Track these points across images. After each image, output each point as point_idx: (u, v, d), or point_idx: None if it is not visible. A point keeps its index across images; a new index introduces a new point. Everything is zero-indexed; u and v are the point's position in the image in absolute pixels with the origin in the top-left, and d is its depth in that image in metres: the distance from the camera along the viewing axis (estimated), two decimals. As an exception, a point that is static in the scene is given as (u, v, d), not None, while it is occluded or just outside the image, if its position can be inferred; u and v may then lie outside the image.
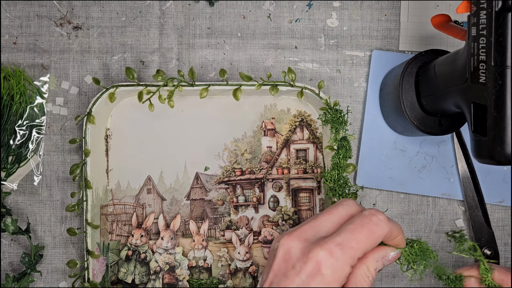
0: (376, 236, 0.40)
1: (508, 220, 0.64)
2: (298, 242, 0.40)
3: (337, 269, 0.38)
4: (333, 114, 0.58)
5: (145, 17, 0.64)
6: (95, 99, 0.59)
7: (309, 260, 0.39)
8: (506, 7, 0.39)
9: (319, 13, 0.64)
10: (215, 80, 0.64)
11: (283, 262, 0.40)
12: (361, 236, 0.40)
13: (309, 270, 0.38)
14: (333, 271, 0.38)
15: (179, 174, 0.63)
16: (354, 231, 0.40)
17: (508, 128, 0.39)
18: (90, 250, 0.59)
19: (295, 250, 0.40)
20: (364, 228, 0.40)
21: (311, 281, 0.38)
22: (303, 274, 0.38)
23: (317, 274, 0.38)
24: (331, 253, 0.38)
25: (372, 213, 0.41)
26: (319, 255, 0.38)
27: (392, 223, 0.42)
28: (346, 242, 0.39)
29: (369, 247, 0.41)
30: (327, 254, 0.38)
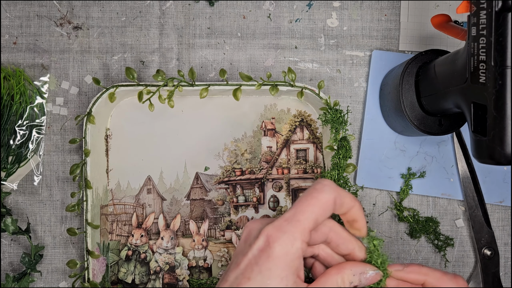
0: (321, 202, 0.39)
1: (508, 220, 0.64)
2: (259, 224, 0.41)
3: (286, 242, 0.38)
4: (333, 114, 0.58)
5: (145, 17, 0.64)
6: (95, 99, 0.59)
7: (260, 236, 0.39)
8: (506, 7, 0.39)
9: (319, 13, 0.64)
10: (215, 80, 0.64)
11: (243, 243, 0.41)
12: (305, 206, 0.39)
13: (260, 244, 0.38)
14: (281, 245, 0.38)
15: (179, 174, 0.63)
16: (299, 203, 0.40)
17: (508, 128, 0.39)
18: (90, 250, 0.59)
19: (255, 231, 0.40)
20: (308, 198, 0.40)
21: (262, 255, 0.38)
22: (255, 249, 0.39)
23: (267, 248, 0.38)
24: (279, 227, 0.38)
25: (318, 181, 0.41)
26: (268, 229, 0.39)
27: (341, 190, 0.41)
28: (293, 216, 0.39)
29: (318, 216, 0.39)
30: (275, 228, 0.38)
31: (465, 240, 0.64)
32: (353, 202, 0.41)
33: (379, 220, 0.64)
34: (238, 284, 0.38)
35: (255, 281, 0.37)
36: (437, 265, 0.64)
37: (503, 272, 0.64)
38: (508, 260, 0.64)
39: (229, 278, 0.39)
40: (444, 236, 0.64)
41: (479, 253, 0.62)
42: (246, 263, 0.39)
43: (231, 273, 0.39)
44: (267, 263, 0.38)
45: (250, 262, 0.38)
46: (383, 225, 0.64)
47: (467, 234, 0.65)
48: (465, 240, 0.64)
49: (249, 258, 0.39)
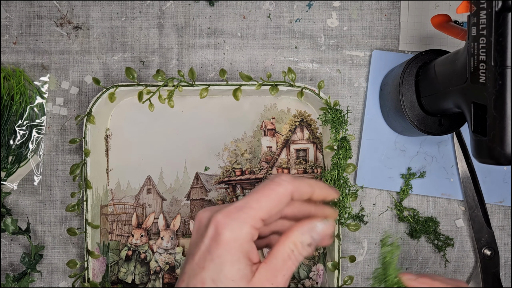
0: (277, 195, 0.39)
1: (508, 220, 0.64)
2: (208, 213, 0.40)
3: (234, 228, 0.38)
4: (333, 114, 0.58)
5: (145, 17, 0.64)
6: (95, 99, 0.59)
7: (210, 224, 0.39)
8: (506, 7, 0.39)
9: (319, 13, 0.64)
10: (215, 80, 0.64)
11: (196, 233, 0.41)
12: (260, 196, 0.39)
13: (210, 233, 0.38)
14: (230, 230, 0.38)
15: (179, 174, 0.63)
16: (254, 192, 0.40)
17: (508, 128, 0.39)
18: (90, 250, 0.59)
19: (205, 219, 0.40)
20: (264, 189, 0.39)
21: (213, 243, 0.38)
22: (206, 239, 0.38)
23: (216, 235, 0.38)
24: (228, 215, 0.38)
25: (276, 175, 0.41)
26: (218, 217, 0.38)
27: (297, 181, 0.40)
28: (245, 203, 0.39)
29: (272, 207, 0.39)
30: (224, 215, 0.38)
31: (465, 240, 0.64)
32: (311, 188, 0.41)
33: (379, 220, 0.64)
34: (195, 275, 0.38)
35: (209, 269, 0.37)
36: (437, 265, 0.64)
37: (503, 272, 0.64)
38: (508, 260, 0.64)
39: (187, 269, 0.39)
40: (444, 236, 0.64)
41: (479, 253, 0.62)
42: (200, 253, 0.38)
43: (188, 265, 0.39)
44: (217, 250, 0.38)
45: (202, 252, 0.38)
46: (383, 225, 0.64)
47: (467, 234, 0.65)
48: (465, 240, 0.64)
49: (201, 249, 0.38)
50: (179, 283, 0.39)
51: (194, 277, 0.38)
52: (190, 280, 0.38)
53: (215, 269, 0.37)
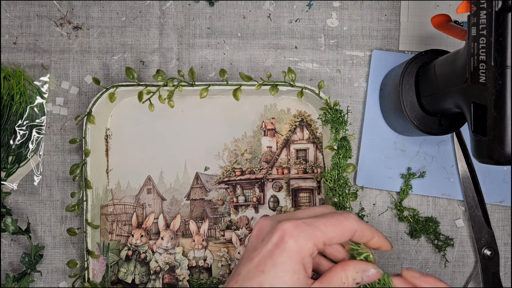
0: (343, 227, 0.41)
1: (508, 220, 0.64)
2: (271, 221, 0.42)
3: (300, 240, 0.39)
4: (333, 114, 0.58)
5: (145, 17, 0.64)
6: (95, 99, 0.59)
7: (276, 231, 0.40)
8: (506, 7, 0.39)
9: (319, 13, 0.64)
10: (215, 80, 0.64)
11: (255, 238, 0.42)
12: (329, 222, 0.41)
13: (275, 240, 0.40)
14: (295, 241, 0.39)
15: (179, 174, 0.63)
16: (323, 217, 0.42)
17: (508, 128, 0.39)
18: (90, 250, 0.59)
19: (267, 226, 0.42)
20: (334, 218, 0.42)
21: (276, 249, 0.39)
22: (270, 244, 0.40)
23: (281, 243, 0.39)
24: (297, 226, 0.40)
25: (344, 212, 0.43)
26: (285, 225, 0.40)
27: (363, 224, 0.43)
28: (314, 222, 0.41)
29: (336, 236, 0.41)
30: (293, 225, 0.40)
31: (465, 240, 0.64)
32: (372, 234, 0.44)
33: (379, 220, 0.64)
34: (251, 278, 0.39)
35: (269, 274, 0.38)
36: (437, 265, 0.64)
37: (503, 272, 0.64)
38: (508, 260, 0.64)
39: (242, 271, 0.40)
40: (444, 236, 0.64)
41: (479, 253, 0.62)
42: (260, 257, 0.39)
43: (244, 267, 0.40)
44: (280, 256, 0.39)
45: (264, 256, 0.39)
46: (383, 225, 0.64)
47: (467, 234, 0.65)
48: (465, 240, 0.64)
49: (263, 252, 0.40)
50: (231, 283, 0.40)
51: (251, 280, 0.39)
52: (245, 281, 0.39)
53: (275, 275, 0.38)
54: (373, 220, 0.64)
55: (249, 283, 0.38)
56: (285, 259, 0.39)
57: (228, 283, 0.40)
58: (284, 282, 0.38)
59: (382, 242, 0.45)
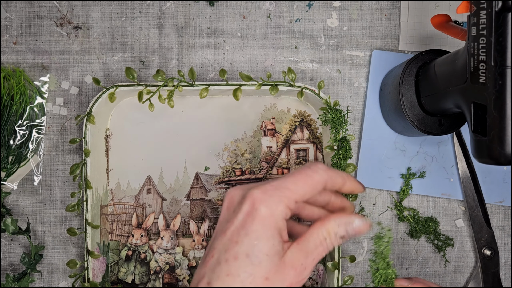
0: (313, 181, 0.40)
1: (508, 220, 0.64)
2: (241, 191, 0.41)
3: (270, 205, 0.38)
4: (333, 114, 0.58)
5: (145, 17, 0.64)
6: (95, 99, 0.59)
7: (246, 200, 0.39)
8: (506, 7, 0.39)
9: (319, 13, 0.64)
10: (215, 80, 0.64)
11: (226, 210, 0.41)
12: (297, 179, 0.40)
13: (246, 209, 0.39)
14: (267, 206, 0.38)
15: (179, 174, 0.63)
16: (291, 175, 0.40)
17: (508, 128, 0.39)
18: (90, 250, 0.59)
19: (237, 196, 0.41)
20: (301, 173, 0.40)
21: (248, 218, 0.38)
22: (241, 214, 0.39)
23: (252, 211, 0.38)
24: (265, 191, 0.39)
25: (312, 163, 0.42)
26: (254, 193, 0.39)
27: (332, 171, 0.41)
28: (281, 183, 0.40)
29: (307, 191, 0.40)
30: (261, 192, 0.39)
31: (465, 240, 0.64)
32: (343, 180, 0.42)
33: (379, 220, 0.64)
34: (227, 250, 0.38)
35: (243, 243, 0.38)
36: (437, 265, 0.64)
37: (503, 272, 0.64)
38: (508, 260, 0.64)
39: (217, 246, 0.39)
40: (444, 236, 0.64)
41: (479, 253, 0.62)
42: (233, 228, 0.39)
43: (218, 241, 0.39)
44: (253, 224, 0.38)
45: (236, 227, 0.38)
46: (383, 225, 0.64)
47: (467, 234, 0.65)
48: (465, 240, 0.64)
49: (235, 224, 0.39)
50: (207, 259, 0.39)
51: (226, 252, 0.38)
52: (221, 255, 0.38)
53: (249, 243, 0.37)
54: (373, 220, 0.64)
55: (225, 255, 0.38)
56: (257, 226, 0.38)
57: (205, 258, 0.40)
58: (259, 249, 0.37)
59: (354, 186, 0.43)
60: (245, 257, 0.37)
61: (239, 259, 0.37)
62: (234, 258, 0.37)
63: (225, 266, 0.37)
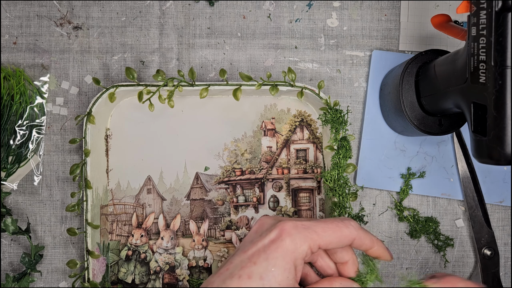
0: (342, 234, 0.42)
1: (508, 220, 0.64)
2: (273, 220, 0.43)
3: (296, 240, 0.40)
4: (333, 114, 0.58)
5: (145, 17, 0.64)
6: (95, 99, 0.59)
7: (275, 228, 0.41)
8: (506, 7, 0.39)
9: (319, 13, 0.64)
10: (215, 80, 0.64)
11: (254, 233, 0.43)
12: (327, 227, 0.42)
13: (272, 236, 0.41)
14: (292, 241, 0.40)
15: (179, 174, 0.63)
16: (323, 222, 0.42)
17: (508, 128, 0.39)
18: (90, 250, 0.59)
19: (267, 224, 0.43)
20: (333, 223, 0.42)
21: (271, 245, 0.40)
22: (266, 239, 0.41)
23: (278, 239, 0.40)
24: (295, 226, 0.41)
25: (345, 218, 0.44)
26: (285, 224, 0.41)
27: (363, 232, 0.43)
28: (312, 225, 0.41)
29: (333, 241, 0.41)
30: (291, 226, 0.41)
31: (465, 240, 0.64)
32: (372, 243, 0.44)
33: (379, 220, 0.64)
34: (243, 267, 0.40)
35: (260, 266, 0.39)
36: (437, 265, 0.64)
37: (503, 272, 0.64)
38: (508, 260, 0.64)
39: (234, 260, 0.41)
40: (444, 236, 0.64)
41: (479, 253, 0.62)
42: (254, 250, 0.40)
43: (237, 257, 0.41)
44: (275, 252, 0.40)
45: (258, 249, 0.40)
46: (383, 225, 0.64)
47: (467, 234, 0.65)
48: (465, 240, 0.64)
49: (258, 246, 0.41)
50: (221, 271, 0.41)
51: (242, 269, 0.40)
52: (236, 270, 0.40)
53: (266, 268, 0.39)
54: (373, 220, 0.64)
55: (239, 271, 0.39)
56: (278, 255, 0.40)
57: (219, 270, 0.41)
58: (274, 276, 0.39)
59: (381, 252, 0.45)
60: (258, 279, 0.39)
61: (252, 279, 0.39)
62: (247, 277, 0.39)
63: (236, 281, 0.39)
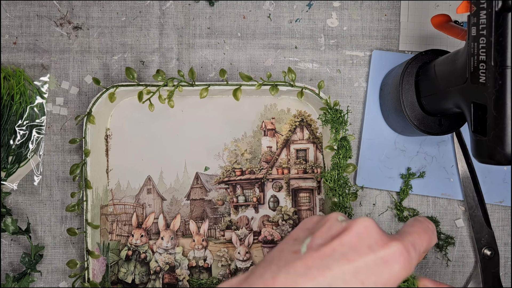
0: (431, 244, 0.41)
1: (508, 220, 0.64)
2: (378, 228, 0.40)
3: (407, 268, 0.38)
4: (333, 114, 0.58)
5: (145, 17, 0.64)
6: (95, 99, 0.59)
7: (388, 247, 0.38)
8: (506, 7, 0.39)
9: (319, 13, 0.64)
10: (215, 80, 0.64)
11: (357, 237, 0.39)
12: (424, 241, 0.40)
13: (385, 255, 0.38)
14: (404, 269, 0.38)
15: (179, 174, 0.63)
16: (420, 234, 0.40)
17: (508, 128, 0.39)
18: (90, 250, 0.59)
19: (375, 233, 0.39)
20: (427, 234, 0.41)
21: (383, 266, 0.37)
22: (377, 256, 0.38)
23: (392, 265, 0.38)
24: (408, 250, 0.38)
25: (426, 220, 0.42)
26: (398, 247, 0.38)
27: None
28: (416, 244, 0.40)
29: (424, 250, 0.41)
30: (404, 249, 0.38)
31: (465, 240, 0.64)
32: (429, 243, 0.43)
33: (379, 220, 0.64)
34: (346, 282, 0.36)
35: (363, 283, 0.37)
36: (437, 265, 0.64)
37: (503, 272, 0.64)
38: (508, 260, 0.64)
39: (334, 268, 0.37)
40: (444, 235, 0.64)
41: (479, 253, 0.62)
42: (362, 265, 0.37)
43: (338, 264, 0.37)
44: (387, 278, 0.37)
45: (367, 266, 0.37)
46: (383, 225, 0.64)
47: (467, 234, 0.65)
48: (465, 240, 0.64)
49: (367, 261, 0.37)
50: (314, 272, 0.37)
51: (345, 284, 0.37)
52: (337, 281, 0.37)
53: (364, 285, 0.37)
54: (373, 220, 0.64)
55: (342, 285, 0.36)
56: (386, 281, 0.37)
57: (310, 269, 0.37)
58: None
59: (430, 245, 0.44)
60: None
61: None
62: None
63: None
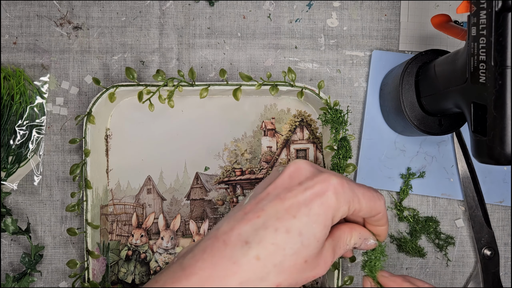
0: (375, 205, 0.41)
1: (508, 220, 0.64)
2: (312, 168, 0.40)
3: (341, 200, 0.39)
4: (333, 114, 0.58)
5: (145, 17, 0.64)
6: (95, 99, 0.59)
7: (320, 181, 0.39)
8: (506, 7, 0.39)
9: (319, 13, 0.64)
10: (215, 80, 0.64)
11: (288, 178, 0.40)
12: (366, 195, 0.41)
13: (317, 189, 0.38)
14: (338, 200, 0.38)
15: (179, 174, 0.63)
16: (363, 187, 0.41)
17: (508, 128, 0.40)
18: (90, 250, 0.59)
19: (307, 171, 0.40)
20: (370, 193, 0.41)
21: (315, 199, 0.38)
22: (309, 192, 0.38)
23: (323, 195, 0.38)
24: (342, 185, 0.39)
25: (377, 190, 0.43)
26: (331, 180, 0.39)
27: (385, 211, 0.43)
28: (355, 188, 0.40)
29: (366, 210, 0.41)
30: (339, 183, 0.39)
31: (465, 240, 0.64)
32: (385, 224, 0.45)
33: (379, 220, 0.64)
34: (280, 219, 0.37)
35: (301, 221, 0.37)
36: (437, 265, 0.64)
37: (503, 272, 0.64)
38: (508, 260, 0.64)
39: (268, 209, 0.38)
40: (444, 235, 0.64)
41: (479, 253, 0.62)
42: (293, 201, 0.38)
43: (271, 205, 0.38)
44: (318, 208, 0.38)
45: (298, 201, 0.38)
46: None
47: (467, 234, 0.65)
48: (465, 240, 0.64)
49: (298, 197, 0.38)
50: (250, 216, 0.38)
51: (278, 221, 0.37)
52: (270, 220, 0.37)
53: (307, 224, 0.37)
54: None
55: (275, 223, 0.37)
56: (321, 211, 0.38)
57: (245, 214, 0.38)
58: (313, 233, 0.37)
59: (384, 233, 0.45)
60: (297, 235, 0.37)
61: (291, 234, 0.37)
62: (285, 231, 0.37)
63: (272, 234, 0.37)
